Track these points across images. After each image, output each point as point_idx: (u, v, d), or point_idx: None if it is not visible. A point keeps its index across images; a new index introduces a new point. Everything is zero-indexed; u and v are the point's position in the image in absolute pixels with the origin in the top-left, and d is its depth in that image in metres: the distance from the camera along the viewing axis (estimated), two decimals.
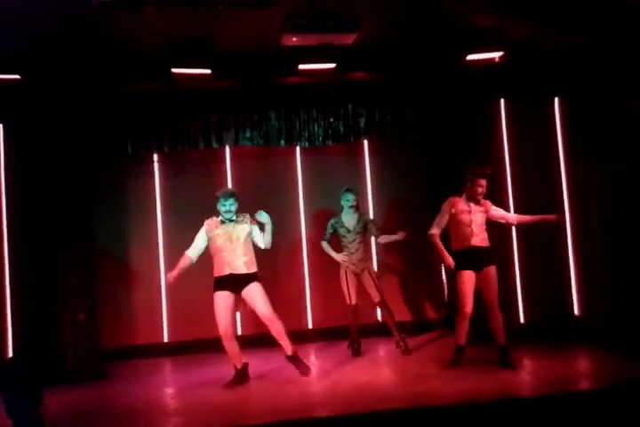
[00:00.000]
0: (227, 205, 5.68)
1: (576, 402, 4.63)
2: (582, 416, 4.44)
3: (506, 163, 6.85)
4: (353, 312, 6.49)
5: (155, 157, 7.26)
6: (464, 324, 5.72)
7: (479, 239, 5.73)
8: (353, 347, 6.53)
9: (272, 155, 7.37)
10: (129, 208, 7.22)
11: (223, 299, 5.56)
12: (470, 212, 5.75)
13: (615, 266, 6.09)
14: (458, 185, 6.49)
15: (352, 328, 6.52)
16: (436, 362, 5.93)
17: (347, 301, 6.47)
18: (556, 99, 6.81)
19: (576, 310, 6.67)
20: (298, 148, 7.39)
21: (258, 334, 6.42)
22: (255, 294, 5.60)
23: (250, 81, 6.53)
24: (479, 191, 5.70)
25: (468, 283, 5.65)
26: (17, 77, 5.83)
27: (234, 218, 5.74)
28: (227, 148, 7.28)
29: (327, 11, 5.12)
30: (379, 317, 7.30)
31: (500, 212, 5.94)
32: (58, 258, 6.25)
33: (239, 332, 6.97)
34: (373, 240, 6.96)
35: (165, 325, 7.19)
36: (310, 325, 7.42)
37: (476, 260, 5.68)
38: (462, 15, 5.54)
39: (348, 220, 6.56)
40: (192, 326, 6.88)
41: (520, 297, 6.73)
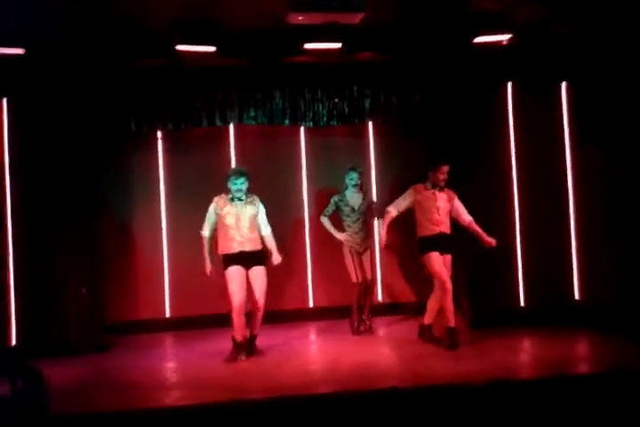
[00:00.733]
0: (237, 184, 5.71)
1: (574, 385, 4.66)
2: (580, 400, 4.47)
3: (511, 147, 6.82)
4: (359, 291, 6.56)
5: (158, 134, 7.24)
6: (448, 302, 5.77)
7: (444, 226, 5.96)
8: (354, 325, 6.60)
9: (276, 134, 7.34)
10: (132, 184, 7.22)
11: (236, 274, 5.66)
12: (435, 199, 5.97)
13: (619, 251, 6.10)
14: (461, 168, 6.53)
15: (355, 306, 6.59)
16: (437, 343, 5.96)
17: (353, 279, 6.56)
18: (564, 83, 6.76)
19: (577, 295, 6.68)
20: (302, 128, 7.36)
21: (268, 311, 6.42)
22: (259, 278, 5.74)
23: (255, 59, 6.49)
24: (441, 178, 5.94)
25: (437, 260, 5.84)
26: (21, 51, 5.78)
27: (243, 197, 5.77)
28: (231, 126, 7.25)
29: None
30: (379, 297, 7.36)
31: (461, 208, 6.07)
32: (61, 232, 6.28)
33: None
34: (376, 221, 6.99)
35: (167, 300, 7.24)
36: (311, 303, 7.46)
37: (440, 245, 5.90)
38: None
39: (353, 199, 6.63)
40: (194, 302, 6.94)
41: (521, 281, 6.74)
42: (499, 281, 6.63)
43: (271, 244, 5.92)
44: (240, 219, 5.73)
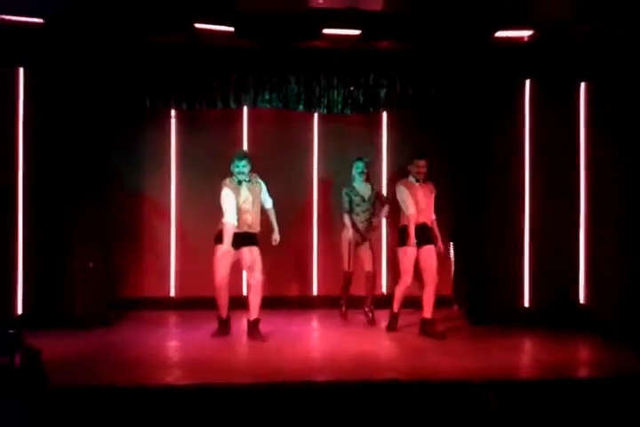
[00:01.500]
0: (240, 166, 5.77)
1: (572, 389, 4.64)
2: (577, 404, 4.45)
3: (525, 145, 6.75)
4: (348, 279, 6.71)
5: (172, 113, 7.23)
6: (403, 294, 6.15)
7: (426, 218, 6.15)
8: (341, 310, 6.78)
9: (289, 119, 7.31)
10: (144, 161, 7.25)
11: (227, 253, 5.75)
12: (419, 192, 6.14)
13: (628, 257, 6.02)
14: (474, 164, 6.50)
15: (344, 294, 6.76)
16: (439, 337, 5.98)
17: (345, 267, 6.68)
18: (583, 83, 6.67)
19: (582, 298, 6.64)
20: (316, 114, 7.32)
21: (272, 297, 6.61)
22: (255, 257, 5.83)
23: (272, 42, 6.43)
24: (419, 171, 6.17)
25: (410, 256, 6.09)
26: (40, 21, 5.76)
27: (247, 179, 5.81)
28: (244, 109, 7.22)
29: None
30: (383, 289, 7.37)
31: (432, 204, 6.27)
32: (70, 205, 6.30)
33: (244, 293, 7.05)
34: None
35: (173, 280, 7.30)
36: (315, 292, 7.47)
37: (420, 237, 6.04)
38: None
39: (362, 189, 6.68)
40: (199, 283, 6.92)
41: (527, 281, 6.70)
42: (504, 279, 6.61)
43: (273, 218, 6.06)
44: (246, 201, 5.82)
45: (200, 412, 4.11)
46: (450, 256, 7.55)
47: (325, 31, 6.01)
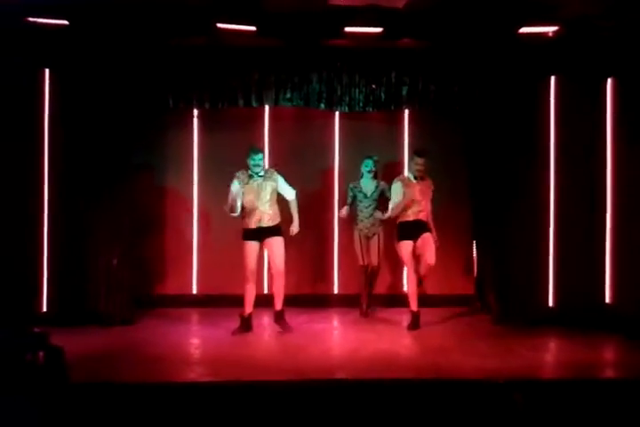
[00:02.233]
0: (256, 160, 5.96)
1: (595, 389, 4.57)
2: (602, 404, 4.38)
3: (550, 145, 6.67)
4: (365, 272, 6.76)
5: (195, 113, 7.29)
6: (412, 287, 6.29)
7: (422, 214, 6.30)
8: (362, 307, 6.80)
9: (311, 117, 7.31)
10: (167, 160, 7.34)
11: (251, 248, 6.00)
12: (416, 188, 6.25)
13: None
14: (497, 163, 6.43)
15: (363, 289, 6.81)
16: (461, 336, 5.98)
17: (359, 262, 6.79)
18: (609, 80, 6.56)
19: (607, 299, 6.54)
20: (337, 112, 7.31)
21: (293, 295, 6.61)
22: (277, 248, 6.04)
23: (294, 41, 6.43)
24: (417, 168, 6.29)
25: (407, 250, 6.27)
26: (65, 23, 5.82)
27: (262, 173, 5.96)
28: (266, 107, 7.24)
29: None
30: (404, 288, 7.32)
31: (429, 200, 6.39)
32: (94, 204, 6.39)
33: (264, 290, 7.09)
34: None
35: (195, 277, 7.37)
36: (336, 290, 7.47)
37: (415, 231, 6.25)
38: None
39: (367, 186, 6.81)
40: (220, 281, 7.02)
41: (551, 280, 6.62)
42: (529, 279, 6.54)
43: (294, 209, 6.15)
44: (260, 195, 5.93)
45: (221, 409, 4.13)
46: (472, 255, 7.50)
47: (347, 29, 5.99)
